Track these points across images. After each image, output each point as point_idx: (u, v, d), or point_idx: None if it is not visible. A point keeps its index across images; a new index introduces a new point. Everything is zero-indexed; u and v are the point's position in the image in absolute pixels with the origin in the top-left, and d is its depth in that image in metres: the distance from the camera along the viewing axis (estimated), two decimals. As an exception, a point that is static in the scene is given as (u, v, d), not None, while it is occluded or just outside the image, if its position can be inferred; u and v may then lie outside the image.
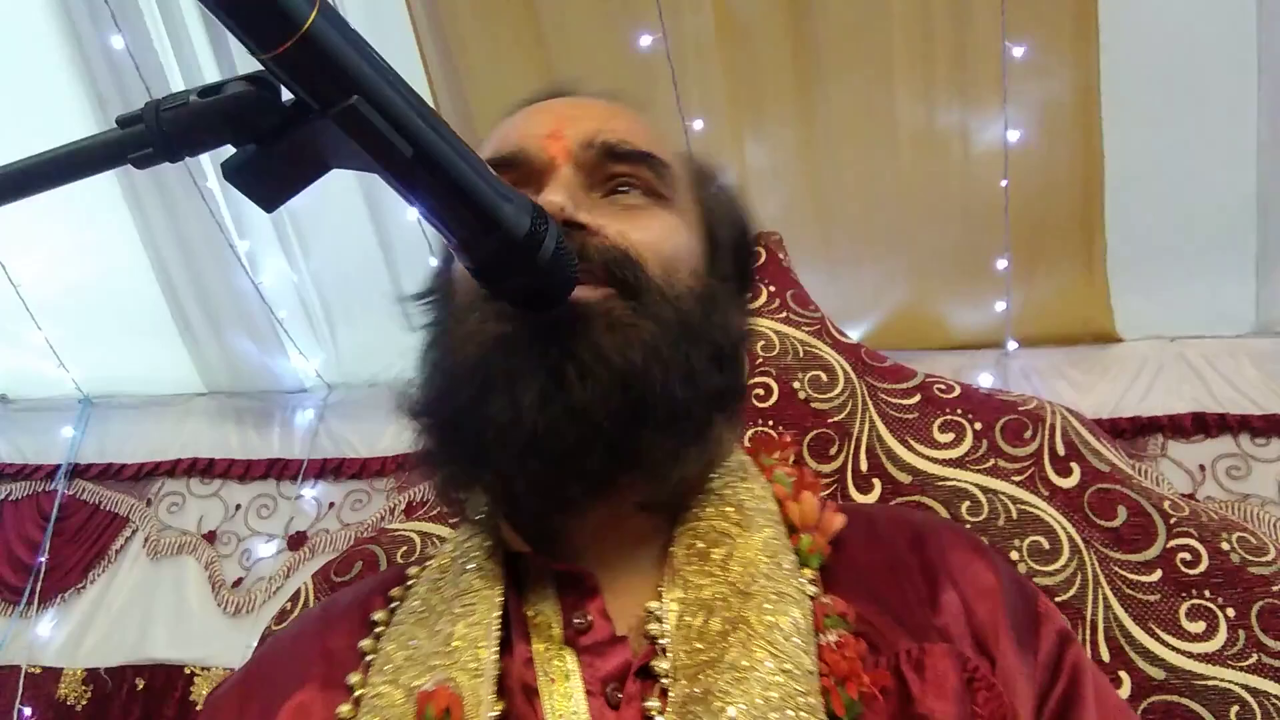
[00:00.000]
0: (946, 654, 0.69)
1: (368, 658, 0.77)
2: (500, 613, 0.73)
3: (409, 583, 0.84)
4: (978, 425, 1.21)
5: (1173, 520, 1.11)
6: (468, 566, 0.79)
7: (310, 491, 2.97)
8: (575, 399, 0.69)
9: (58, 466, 3.20)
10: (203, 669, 2.83)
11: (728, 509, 0.77)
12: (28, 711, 2.91)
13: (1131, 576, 1.09)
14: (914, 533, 0.80)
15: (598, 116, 0.83)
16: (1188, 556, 1.08)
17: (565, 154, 0.79)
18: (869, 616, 0.71)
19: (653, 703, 0.66)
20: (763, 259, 1.36)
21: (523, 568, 0.77)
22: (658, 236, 0.77)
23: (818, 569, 0.75)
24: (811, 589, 0.72)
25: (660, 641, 0.69)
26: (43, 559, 3.07)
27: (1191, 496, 2.05)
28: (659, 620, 0.70)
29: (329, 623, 0.84)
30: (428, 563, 0.85)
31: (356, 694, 0.74)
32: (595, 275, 0.73)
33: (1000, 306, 2.45)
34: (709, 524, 0.76)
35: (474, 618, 0.73)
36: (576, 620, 0.72)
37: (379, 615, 0.81)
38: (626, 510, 0.76)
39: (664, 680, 0.67)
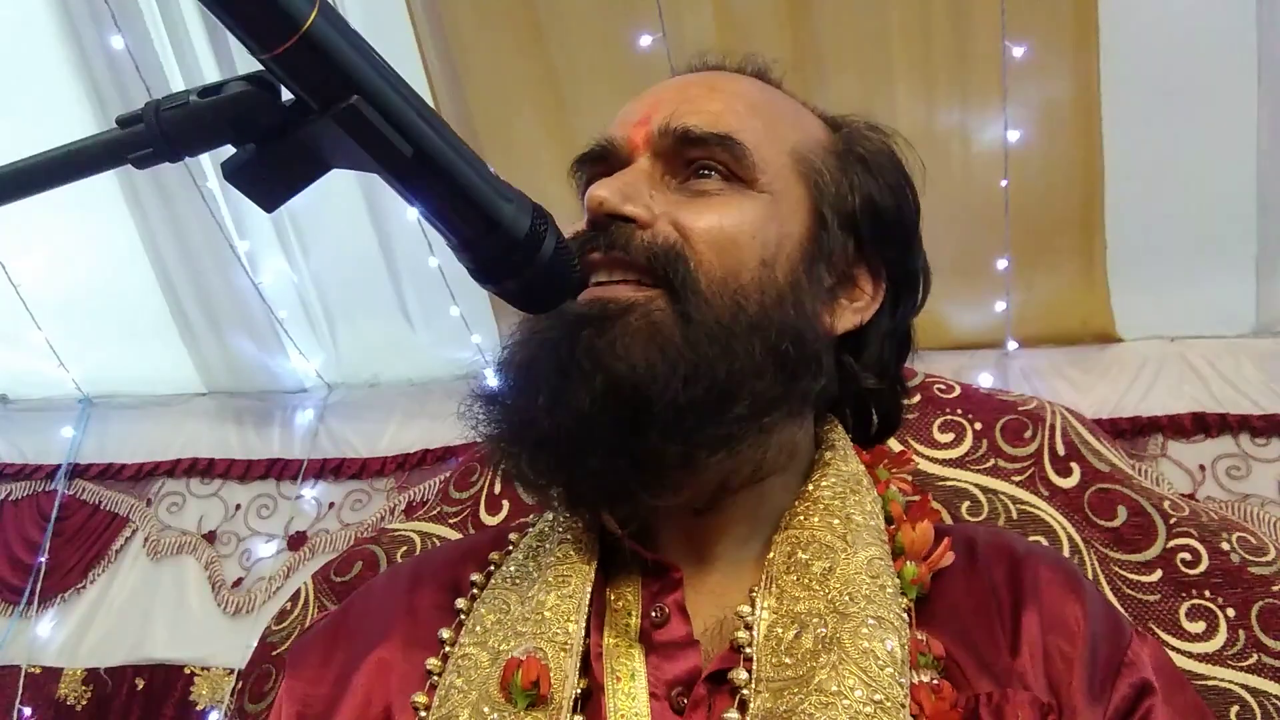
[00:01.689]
0: (1027, 703, 0.68)
1: (461, 616, 0.78)
2: (592, 588, 0.73)
3: (509, 548, 0.83)
4: (978, 425, 1.21)
5: (1173, 520, 1.11)
6: (566, 537, 0.79)
7: (310, 491, 2.97)
8: (577, 403, 0.69)
9: (58, 466, 3.20)
10: (203, 669, 2.83)
11: (834, 521, 0.74)
12: (28, 711, 2.91)
13: (1131, 576, 1.09)
14: (1012, 562, 0.77)
15: (689, 96, 0.80)
16: (1188, 556, 1.08)
17: (646, 142, 0.78)
18: (955, 656, 0.70)
19: (732, 714, 0.65)
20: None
21: (615, 549, 0.77)
22: (716, 224, 0.74)
23: (913, 600, 0.72)
24: (905, 617, 0.70)
25: (746, 650, 0.67)
26: (43, 559, 3.07)
27: (1191, 496, 2.05)
28: (748, 627, 0.69)
29: (419, 580, 0.85)
30: (528, 529, 0.84)
31: (445, 650, 0.75)
32: (639, 269, 0.73)
33: (1000, 306, 2.45)
34: (812, 534, 0.73)
35: (566, 590, 0.74)
36: (654, 612, 0.72)
37: (477, 577, 0.81)
38: (682, 510, 0.75)
39: (744, 691, 0.65)
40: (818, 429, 0.82)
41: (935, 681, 0.67)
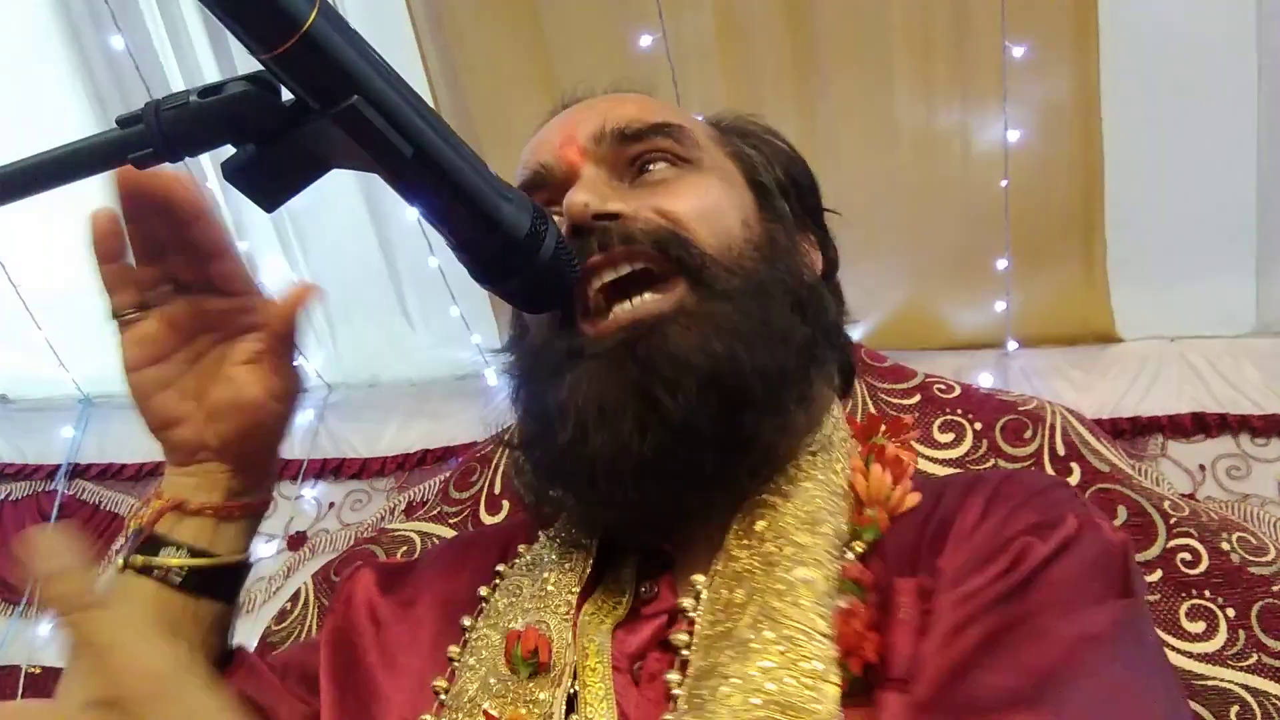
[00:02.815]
0: (909, 588, 0.67)
1: (483, 605, 0.81)
2: (593, 562, 0.77)
3: (534, 541, 0.86)
4: (978, 425, 1.21)
5: (1173, 520, 1.11)
6: (575, 525, 0.83)
7: (310, 491, 2.97)
8: (672, 416, 0.69)
9: (58, 466, 3.20)
10: (203, 669, 2.83)
11: (783, 482, 0.76)
12: (28, 711, 2.91)
13: (1131, 576, 1.09)
14: (968, 485, 0.74)
15: (602, 109, 0.84)
16: (1188, 556, 1.08)
17: (581, 155, 0.80)
18: (891, 579, 0.68)
19: (673, 675, 0.66)
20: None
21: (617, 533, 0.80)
22: (696, 200, 0.78)
23: (870, 542, 0.72)
24: (850, 556, 0.70)
25: (689, 614, 0.69)
26: (43, 559, 3.06)
27: (1191, 496, 2.05)
28: (696, 595, 0.71)
29: (470, 547, 0.91)
30: (556, 523, 0.87)
31: (465, 637, 0.78)
32: (646, 257, 0.74)
33: (1000, 306, 2.45)
34: (762, 498, 0.75)
35: (568, 565, 0.77)
36: (644, 589, 0.74)
37: (502, 568, 0.84)
38: (720, 492, 0.76)
39: (684, 652, 0.67)
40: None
41: (849, 605, 0.66)
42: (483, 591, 0.82)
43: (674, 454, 0.69)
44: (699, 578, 0.71)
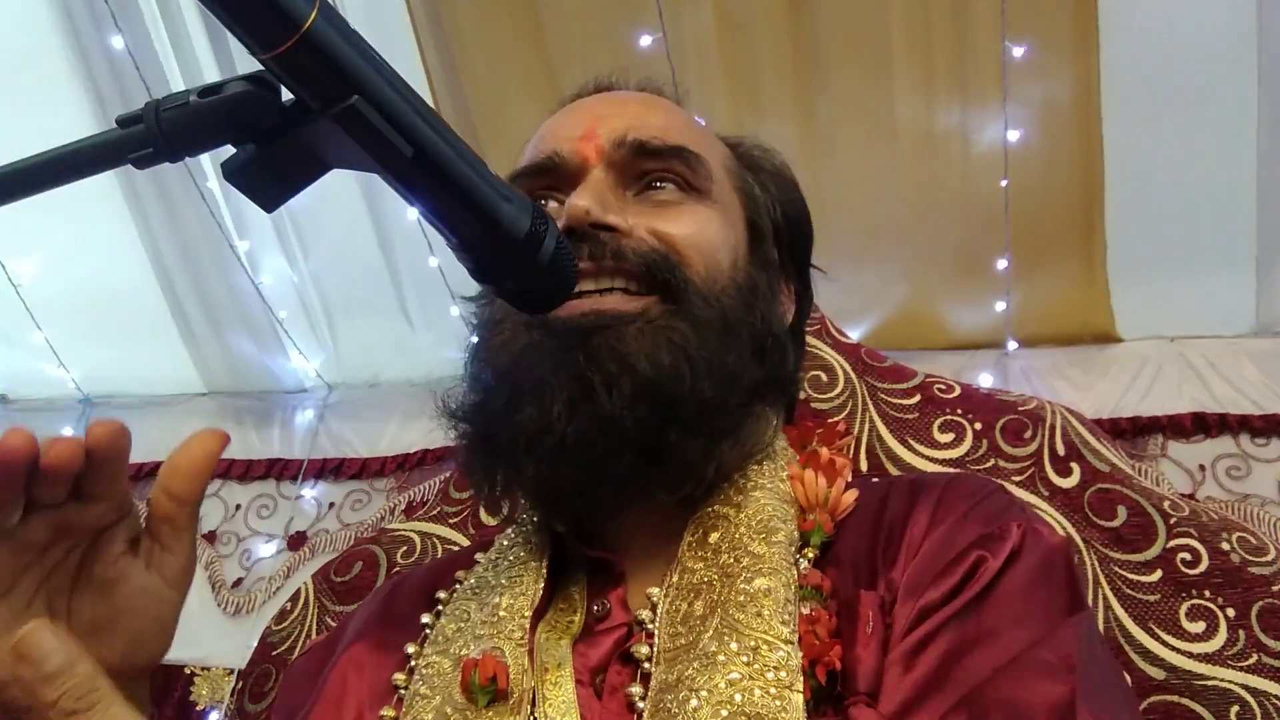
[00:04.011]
0: (872, 602, 0.68)
1: (426, 631, 0.80)
2: (543, 584, 0.76)
3: (474, 565, 0.86)
4: (978, 425, 1.21)
5: (1173, 520, 1.11)
6: (517, 540, 0.83)
7: (310, 491, 2.97)
8: (602, 408, 0.70)
9: (58, 466, 3.19)
10: (203, 669, 2.83)
11: (732, 492, 0.77)
12: (28, 711, 2.90)
13: (1131, 576, 1.09)
14: (914, 488, 0.77)
15: (631, 112, 0.84)
16: (1188, 556, 1.08)
17: (598, 154, 0.80)
18: (845, 585, 0.70)
19: (635, 689, 0.66)
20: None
21: (567, 550, 0.80)
22: (694, 231, 0.78)
23: (818, 546, 0.73)
24: (804, 564, 0.71)
25: (648, 626, 0.70)
26: (43, 559, 3.06)
27: (1191, 496, 2.05)
28: (653, 607, 0.71)
29: (398, 589, 0.90)
30: (494, 545, 0.87)
31: (411, 664, 0.77)
32: (630, 276, 0.75)
33: (1000, 306, 2.45)
34: (714, 509, 0.76)
35: (519, 588, 0.76)
36: (596, 607, 0.74)
37: (442, 594, 0.84)
38: (665, 504, 0.77)
39: (644, 665, 0.67)
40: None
41: (812, 611, 0.67)
42: (425, 619, 0.81)
43: (593, 445, 0.70)
44: (654, 590, 0.72)
